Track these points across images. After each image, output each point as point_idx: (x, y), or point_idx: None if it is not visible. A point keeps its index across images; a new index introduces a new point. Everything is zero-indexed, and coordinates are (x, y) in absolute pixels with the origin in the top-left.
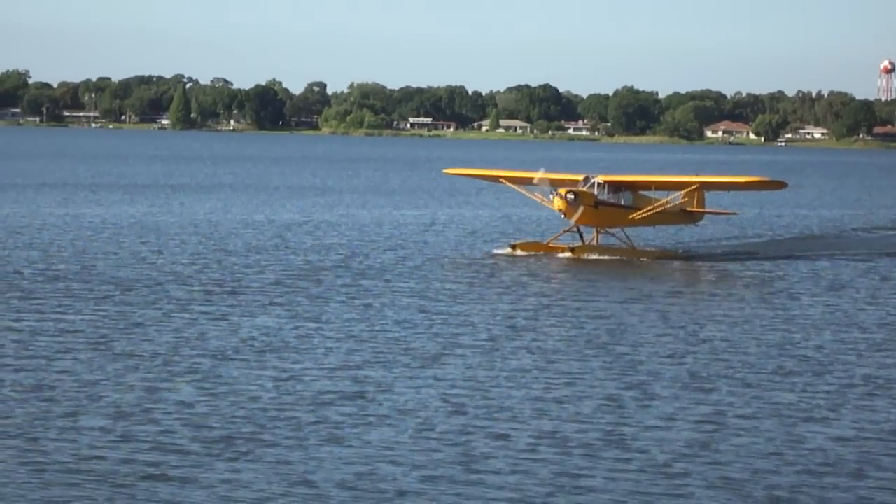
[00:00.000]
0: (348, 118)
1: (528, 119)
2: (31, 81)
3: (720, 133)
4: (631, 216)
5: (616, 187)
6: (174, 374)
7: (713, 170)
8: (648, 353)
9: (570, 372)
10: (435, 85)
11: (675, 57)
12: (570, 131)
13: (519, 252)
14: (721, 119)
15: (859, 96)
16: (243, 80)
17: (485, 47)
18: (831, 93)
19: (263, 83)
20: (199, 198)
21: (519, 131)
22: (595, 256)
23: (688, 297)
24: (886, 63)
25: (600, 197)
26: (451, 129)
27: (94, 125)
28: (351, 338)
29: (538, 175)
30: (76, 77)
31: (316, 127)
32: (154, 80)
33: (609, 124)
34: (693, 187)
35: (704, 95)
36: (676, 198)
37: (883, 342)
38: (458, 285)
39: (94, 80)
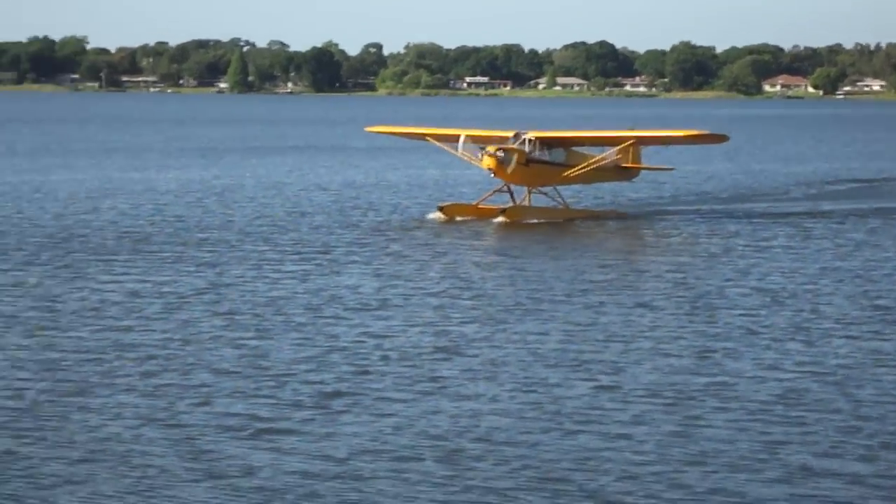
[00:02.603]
0: (405, 79)
1: (585, 76)
2: (88, 47)
3: (778, 87)
4: (564, 174)
5: (548, 144)
6: (273, 332)
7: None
8: (719, 305)
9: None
10: (491, 44)
11: (732, 11)
12: (628, 88)
13: (445, 215)
14: (779, 73)
15: None
16: (300, 43)
17: (540, 4)
18: (890, 44)
19: (320, 45)
20: (272, 160)
21: (576, 89)
22: (532, 220)
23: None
24: None
25: (532, 154)
26: (508, 88)
27: (152, 90)
28: (431, 295)
29: (465, 132)
30: (134, 42)
31: (373, 88)
32: (211, 44)
33: (666, 80)
34: (629, 143)
35: (762, 49)
36: (612, 154)
37: None
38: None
39: (151, 44)
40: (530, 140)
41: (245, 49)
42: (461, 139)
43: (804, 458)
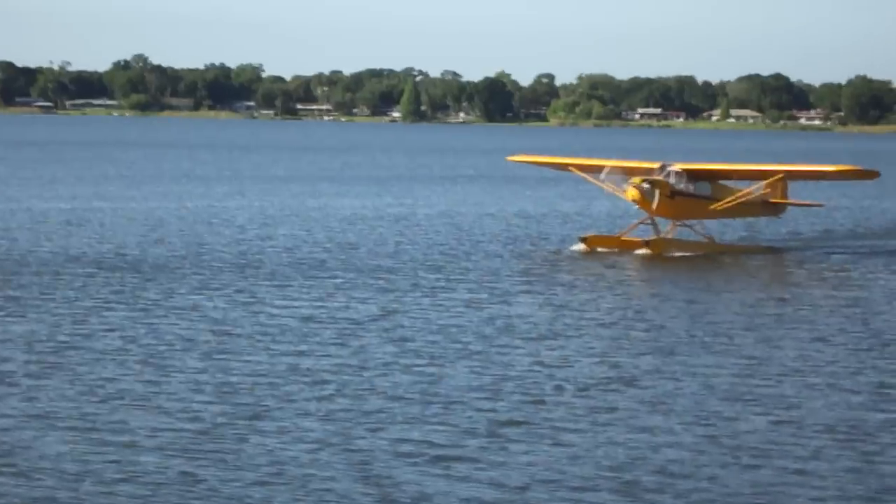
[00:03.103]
0: (577, 109)
1: (759, 109)
2: (264, 75)
3: None
4: (710, 207)
5: (694, 176)
6: (446, 359)
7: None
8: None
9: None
10: (664, 75)
11: None
12: (802, 121)
13: (587, 247)
14: None
15: None
16: (472, 73)
17: (714, 36)
18: None
19: (492, 75)
20: (441, 188)
21: (750, 121)
22: (676, 253)
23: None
24: None
25: (677, 186)
26: (681, 120)
27: (326, 118)
28: (603, 326)
29: (609, 163)
30: (309, 71)
31: (544, 119)
32: (385, 73)
33: (842, 114)
34: (777, 177)
35: None
36: (759, 188)
37: None
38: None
39: (326, 73)
40: (676, 172)
41: (418, 79)
42: (605, 170)
43: None
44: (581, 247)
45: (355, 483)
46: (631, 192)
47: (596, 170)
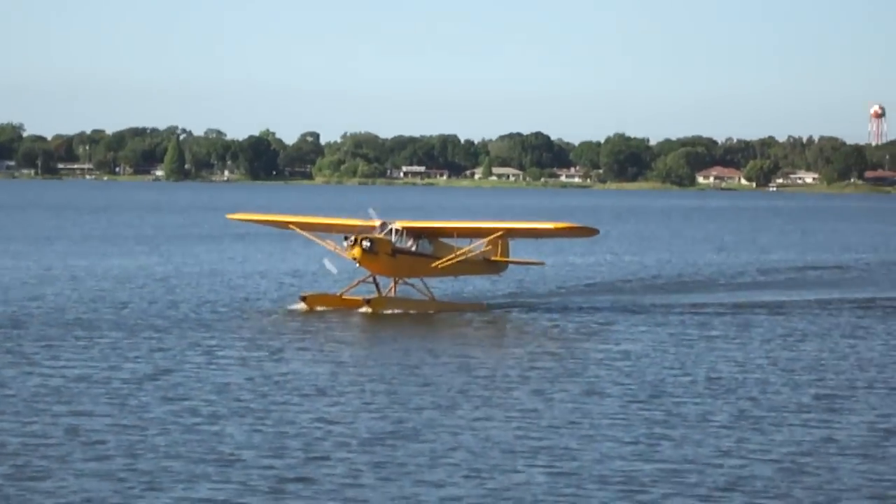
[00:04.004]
0: (342, 167)
1: (521, 166)
2: (25, 134)
3: (712, 179)
4: (432, 265)
5: (415, 234)
6: (228, 417)
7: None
8: (665, 392)
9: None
10: (427, 134)
11: (666, 103)
12: (563, 178)
13: (307, 306)
14: (713, 165)
15: (850, 141)
16: (237, 131)
17: (476, 96)
18: (822, 138)
19: (257, 133)
20: (209, 247)
21: (511, 179)
22: (394, 311)
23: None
24: (876, 107)
25: (398, 244)
26: (444, 178)
27: (88, 177)
28: (378, 381)
29: (331, 220)
30: (70, 129)
31: (310, 177)
32: (148, 131)
33: (601, 171)
34: (497, 234)
35: (695, 142)
36: (480, 245)
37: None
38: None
39: (88, 132)
40: (397, 230)
41: (182, 137)
42: (328, 226)
43: None
44: (301, 306)
45: None
46: (352, 250)
47: (318, 228)
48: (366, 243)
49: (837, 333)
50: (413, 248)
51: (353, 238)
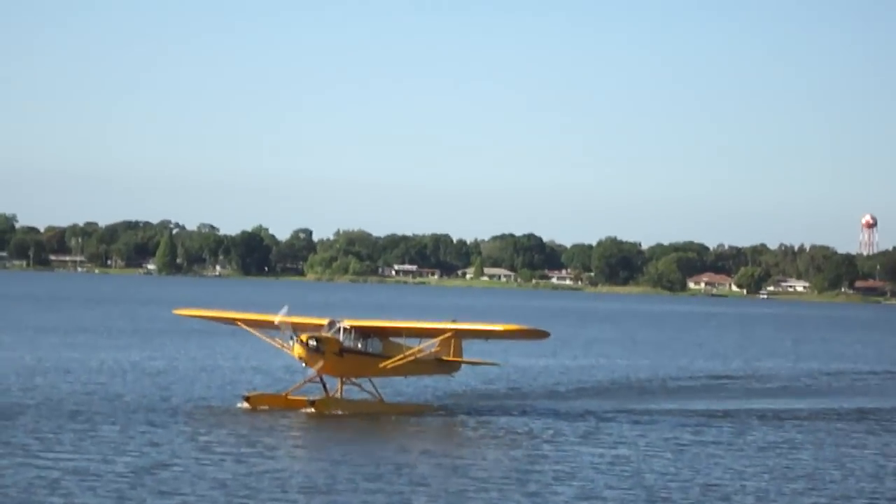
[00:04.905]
0: (334, 265)
1: (512, 267)
2: (17, 225)
3: (703, 285)
4: (381, 365)
5: (364, 333)
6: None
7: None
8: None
9: None
10: (420, 233)
11: (659, 208)
12: (554, 280)
13: (250, 406)
14: (704, 271)
15: (841, 250)
16: (230, 226)
17: (469, 196)
18: (813, 246)
19: (250, 229)
20: (206, 340)
21: (503, 279)
22: (339, 412)
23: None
24: (868, 218)
25: (346, 343)
26: (436, 277)
27: (79, 269)
28: (370, 480)
29: (279, 318)
30: (63, 222)
31: (301, 273)
32: (141, 225)
33: (592, 274)
34: (447, 335)
35: (687, 247)
36: (431, 346)
37: None
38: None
39: (80, 224)
40: (345, 329)
41: (174, 231)
42: (276, 323)
43: None
44: (244, 405)
45: None
46: (297, 349)
47: (264, 325)
48: (312, 342)
49: (831, 442)
50: (361, 348)
51: (298, 337)
